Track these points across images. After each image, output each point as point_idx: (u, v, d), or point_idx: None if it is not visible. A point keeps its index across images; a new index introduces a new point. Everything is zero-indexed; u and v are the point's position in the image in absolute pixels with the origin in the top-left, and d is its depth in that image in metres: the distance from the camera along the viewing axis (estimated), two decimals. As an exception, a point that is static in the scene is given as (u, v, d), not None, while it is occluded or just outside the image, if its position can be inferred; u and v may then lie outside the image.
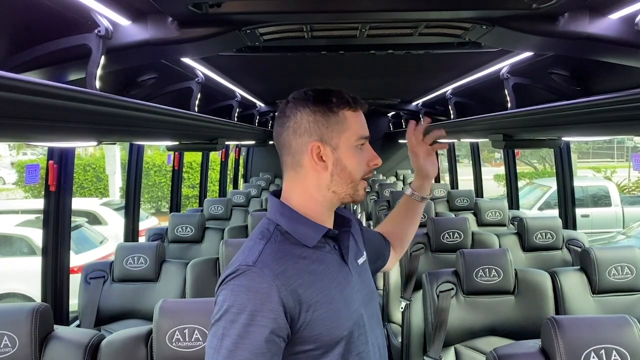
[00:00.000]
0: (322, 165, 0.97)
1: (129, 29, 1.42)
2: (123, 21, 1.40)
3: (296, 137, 0.97)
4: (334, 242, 1.02)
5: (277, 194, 1.05)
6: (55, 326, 1.48)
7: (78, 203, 8.02)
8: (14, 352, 1.36)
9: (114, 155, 10.92)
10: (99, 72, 1.33)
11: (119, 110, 1.40)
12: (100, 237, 6.48)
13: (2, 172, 16.90)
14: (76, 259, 5.15)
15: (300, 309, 0.89)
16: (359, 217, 5.62)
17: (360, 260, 1.09)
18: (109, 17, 1.33)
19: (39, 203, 2.43)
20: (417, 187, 1.34)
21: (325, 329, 0.91)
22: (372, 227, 4.52)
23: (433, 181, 1.42)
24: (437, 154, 1.39)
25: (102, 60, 1.32)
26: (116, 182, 11.09)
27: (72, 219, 2.48)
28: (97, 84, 1.34)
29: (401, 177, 7.19)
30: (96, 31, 1.28)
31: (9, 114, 1.00)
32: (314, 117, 0.96)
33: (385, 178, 7.16)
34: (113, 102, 1.33)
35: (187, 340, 1.41)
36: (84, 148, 12.49)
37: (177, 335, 1.41)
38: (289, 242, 0.96)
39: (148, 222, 7.75)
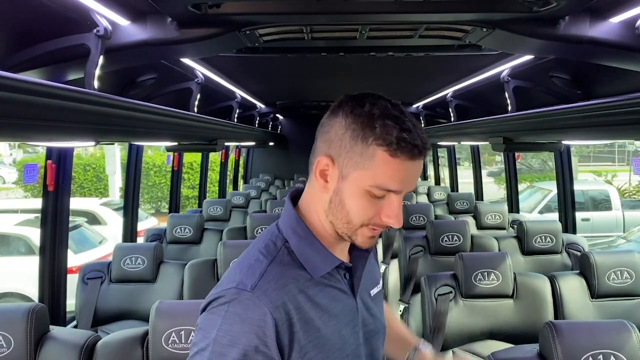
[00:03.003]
0: (322, 183, 0.84)
1: (128, 29, 1.42)
2: (122, 21, 1.39)
3: (320, 141, 0.84)
4: (345, 270, 0.90)
5: (296, 195, 0.92)
6: (51, 327, 1.48)
7: (78, 203, 8.02)
8: (9, 352, 1.36)
9: (114, 155, 10.91)
10: (97, 72, 1.33)
11: (118, 110, 1.40)
12: (100, 237, 6.47)
13: (2, 171, 16.90)
14: (75, 259, 5.15)
15: (292, 349, 0.79)
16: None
17: (374, 291, 0.97)
18: (108, 17, 1.32)
19: (39, 202, 2.41)
20: None
21: None
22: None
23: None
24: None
25: (101, 60, 1.32)
26: (116, 182, 11.07)
27: (71, 218, 2.48)
28: (96, 84, 1.34)
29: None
30: (95, 31, 1.28)
31: (7, 113, 1.00)
32: (344, 132, 0.80)
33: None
34: (111, 102, 1.33)
35: (183, 342, 1.40)
36: (84, 148, 12.50)
37: (173, 336, 1.40)
38: (295, 265, 0.84)
39: (147, 222, 7.74)
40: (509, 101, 2.28)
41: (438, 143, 5.19)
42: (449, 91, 3.50)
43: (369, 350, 0.93)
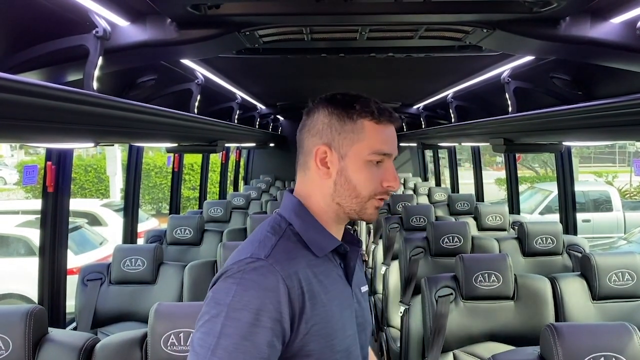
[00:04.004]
0: (324, 171, 0.91)
1: (128, 30, 1.41)
2: (121, 22, 1.39)
3: (309, 137, 0.92)
4: (341, 259, 0.95)
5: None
6: (49, 329, 1.47)
7: (78, 204, 8.01)
8: (7, 354, 1.35)
9: (115, 156, 10.92)
10: (96, 73, 1.32)
11: (117, 111, 1.40)
12: (100, 238, 6.47)
13: (3, 172, 16.92)
14: (76, 260, 5.14)
15: (301, 319, 0.82)
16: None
17: (364, 289, 1.02)
18: (107, 18, 1.32)
19: (39, 203, 2.41)
20: None
21: (319, 346, 0.84)
22: (372, 232, 4.50)
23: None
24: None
25: (100, 61, 1.31)
26: (117, 183, 11.08)
27: (72, 219, 2.47)
28: (95, 85, 1.33)
29: (402, 181, 7.18)
30: (94, 32, 1.27)
31: (6, 114, 1.00)
32: (330, 119, 0.90)
33: (385, 181, 7.13)
34: (110, 103, 1.32)
35: (182, 344, 1.40)
36: (85, 149, 12.50)
37: (172, 339, 1.40)
38: (300, 245, 0.89)
39: (148, 223, 7.74)
40: (509, 102, 2.28)
41: (438, 144, 5.18)
42: (449, 92, 3.49)
43: (360, 343, 0.96)
